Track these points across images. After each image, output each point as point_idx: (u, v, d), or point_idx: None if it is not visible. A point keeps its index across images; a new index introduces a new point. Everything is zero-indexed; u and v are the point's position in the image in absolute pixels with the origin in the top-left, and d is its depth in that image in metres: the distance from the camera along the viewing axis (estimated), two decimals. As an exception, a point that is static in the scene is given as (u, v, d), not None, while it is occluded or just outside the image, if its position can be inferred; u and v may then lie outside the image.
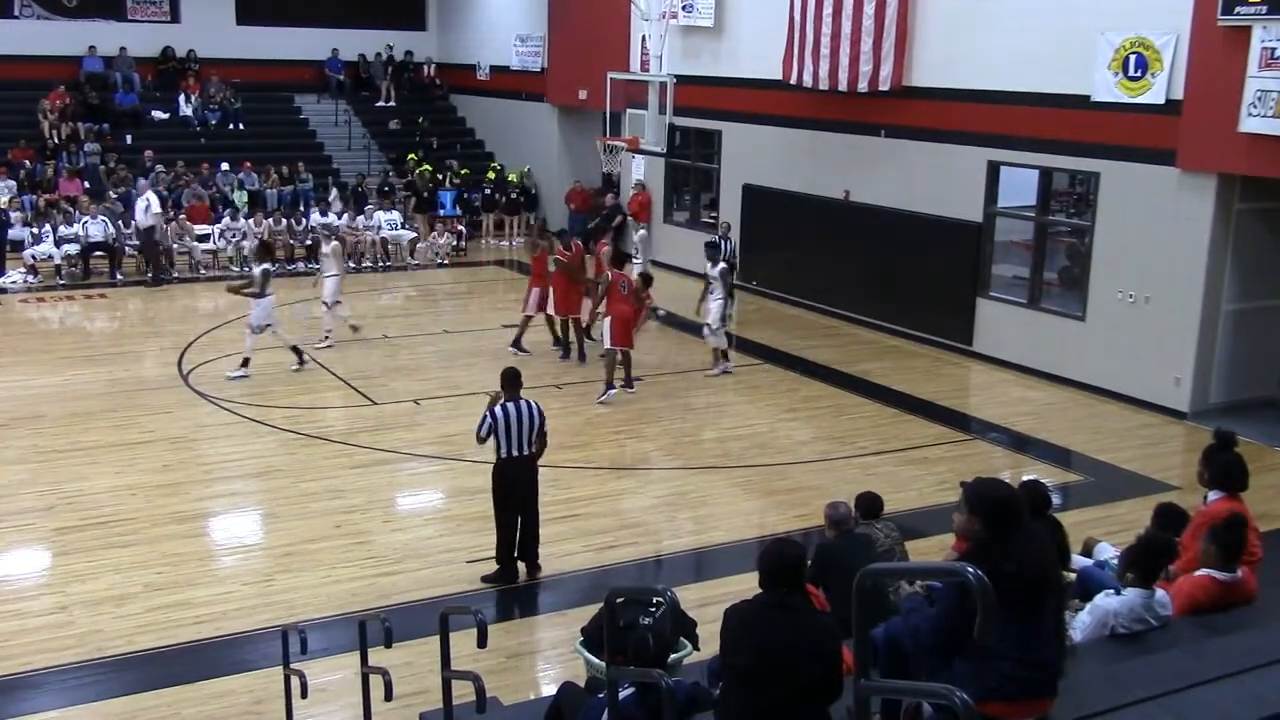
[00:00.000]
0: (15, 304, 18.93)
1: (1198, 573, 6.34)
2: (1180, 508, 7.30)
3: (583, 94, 23.95)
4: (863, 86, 17.42)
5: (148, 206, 20.41)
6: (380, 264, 22.58)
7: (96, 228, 20.69)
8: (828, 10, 17.82)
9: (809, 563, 5.37)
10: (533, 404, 9.22)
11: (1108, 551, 7.56)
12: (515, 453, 9.11)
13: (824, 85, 18.01)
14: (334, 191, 24.16)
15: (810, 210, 18.89)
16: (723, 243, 18.18)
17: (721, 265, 15.70)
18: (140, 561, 9.47)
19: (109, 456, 11.92)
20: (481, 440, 9.16)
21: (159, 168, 23.30)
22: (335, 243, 17.03)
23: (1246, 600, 6.31)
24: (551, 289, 15.70)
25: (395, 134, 27.89)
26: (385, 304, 20.67)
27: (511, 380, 9.26)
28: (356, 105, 28.38)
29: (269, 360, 15.58)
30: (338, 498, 10.97)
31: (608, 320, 14.22)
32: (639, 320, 14.76)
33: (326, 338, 16.19)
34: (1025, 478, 9.93)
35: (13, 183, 22.20)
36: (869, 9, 17.17)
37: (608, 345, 14.25)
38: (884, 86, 17.16)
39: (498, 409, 9.07)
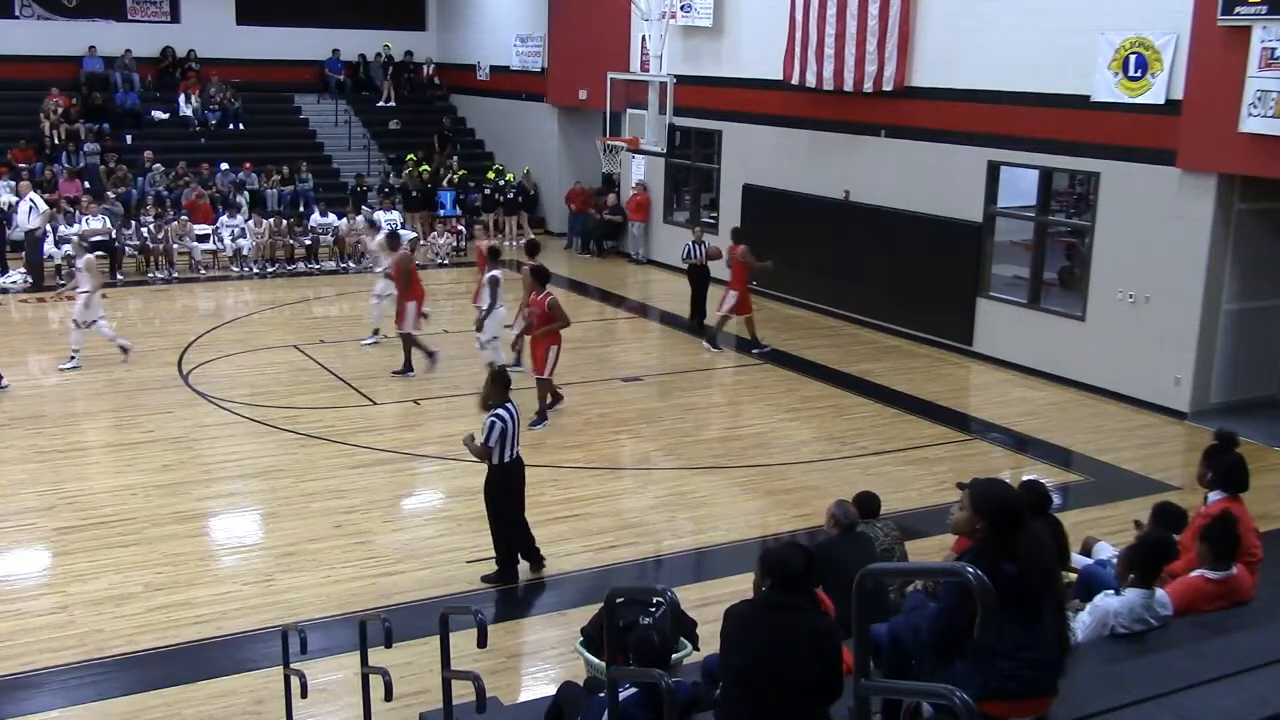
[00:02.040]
0: (15, 304, 18.93)
1: (1192, 574, 6.34)
2: (1179, 507, 7.30)
3: (583, 94, 23.97)
4: (867, 87, 17.43)
5: (32, 208, 19.65)
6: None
7: (97, 222, 20.70)
8: (831, 10, 17.84)
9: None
10: (517, 405, 9.30)
11: (1107, 551, 7.56)
12: (512, 455, 9.12)
13: (828, 85, 18.02)
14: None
15: (810, 210, 18.89)
16: (695, 246, 18.36)
17: (493, 273, 14.77)
18: (140, 561, 9.47)
19: (109, 456, 11.92)
20: (489, 450, 8.98)
21: (158, 167, 23.32)
22: (89, 256, 15.40)
23: (1244, 599, 6.32)
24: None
25: (395, 134, 27.90)
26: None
27: (506, 383, 9.27)
28: (356, 105, 28.40)
29: (270, 360, 15.59)
30: (338, 498, 10.97)
31: (555, 348, 13.21)
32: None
33: (73, 357, 15.02)
34: (1025, 478, 9.92)
35: (13, 182, 22.19)
36: (873, 9, 17.18)
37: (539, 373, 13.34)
38: (888, 86, 17.18)
39: (502, 412, 8.99)
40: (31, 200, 19.96)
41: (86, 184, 22.77)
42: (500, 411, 9.00)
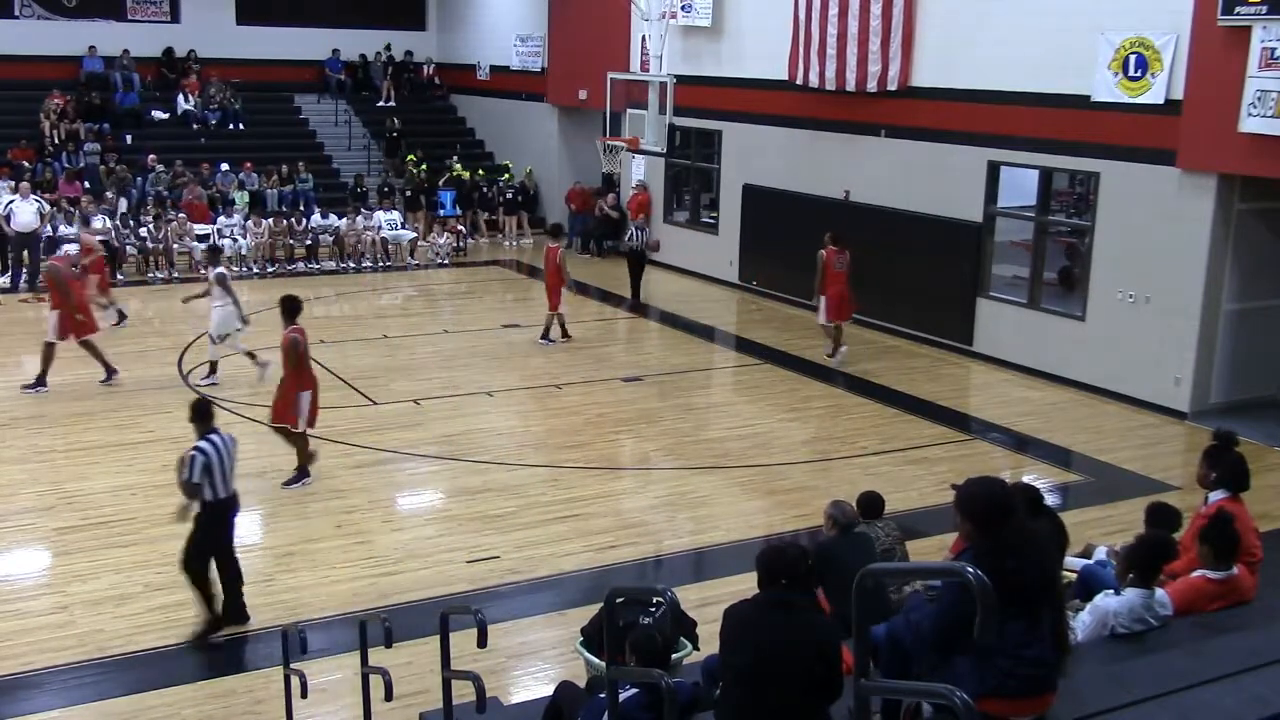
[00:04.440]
0: (15, 304, 18.91)
1: (1193, 574, 6.35)
2: (1171, 506, 7.30)
3: (583, 94, 23.96)
4: (871, 86, 17.44)
5: (39, 208, 19.57)
6: (380, 264, 22.60)
7: (97, 222, 20.70)
8: (834, 10, 17.84)
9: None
10: (230, 436, 8.50)
11: (1104, 553, 7.55)
12: (225, 494, 8.29)
13: (831, 85, 18.02)
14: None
15: (810, 210, 18.88)
16: (639, 232, 19.73)
17: (219, 270, 14.57)
18: (140, 561, 9.46)
19: (109, 456, 11.91)
20: (194, 486, 8.09)
21: (159, 167, 23.32)
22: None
23: (1244, 598, 6.32)
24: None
25: (399, 134, 27.87)
26: (385, 304, 20.69)
27: (205, 413, 8.45)
28: (356, 105, 28.39)
29: (271, 361, 15.56)
30: (338, 498, 10.97)
31: (307, 394, 11.32)
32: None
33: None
34: (1020, 480, 9.92)
35: (13, 182, 22.18)
36: (876, 9, 17.18)
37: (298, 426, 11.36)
38: (892, 86, 17.18)
39: (205, 444, 8.13)
40: (37, 200, 19.95)
41: (86, 184, 22.75)
42: (202, 444, 8.14)
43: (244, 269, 21.57)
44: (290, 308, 11.39)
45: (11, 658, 8.00)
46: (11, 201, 19.69)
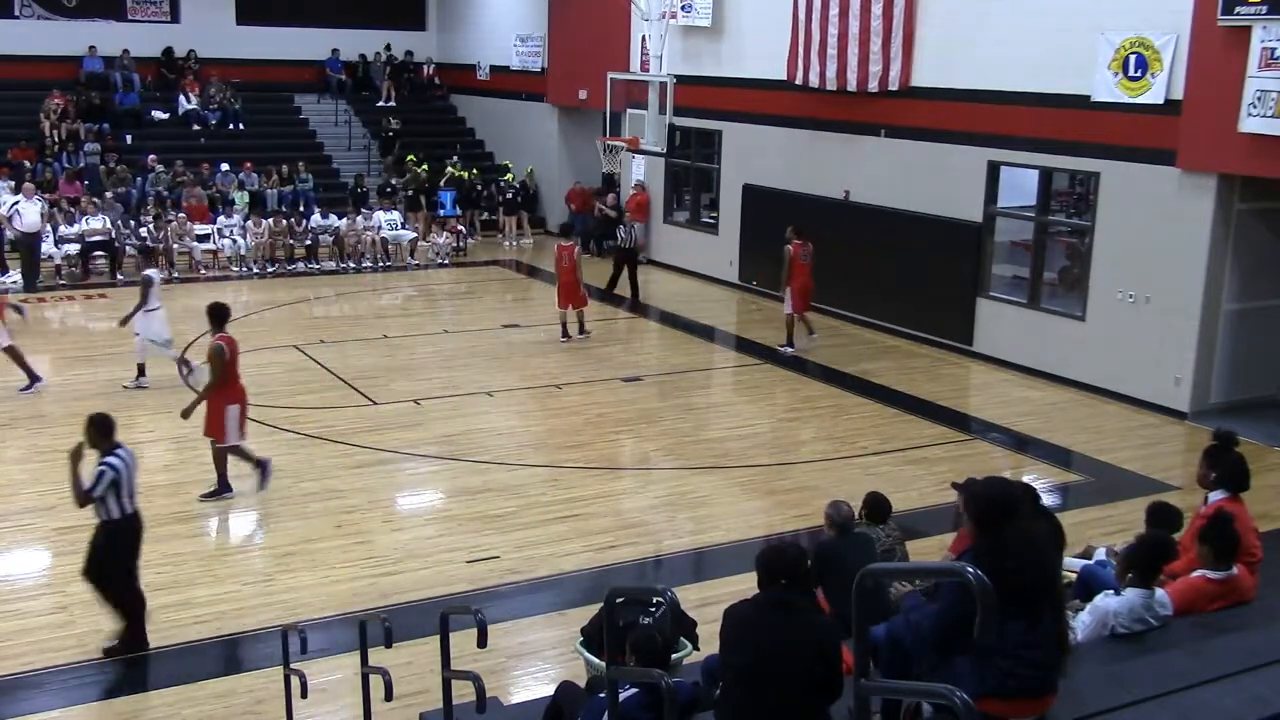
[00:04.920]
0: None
1: (1193, 574, 6.35)
2: (1172, 505, 7.31)
3: (583, 94, 23.97)
4: (872, 86, 17.43)
5: (42, 208, 19.80)
6: (380, 264, 22.60)
7: (97, 222, 20.73)
8: (834, 10, 17.84)
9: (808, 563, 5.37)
10: (132, 451, 8.30)
11: (1103, 553, 7.55)
12: (131, 509, 8.17)
13: (832, 85, 18.02)
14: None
15: (810, 210, 18.86)
16: (630, 231, 20.27)
17: (146, 272, 14.37)
18: (141, 561, 9.44)
19: (109, 456, 11.89)
20: (94, 499, 7.94)
21: (159, 167, 23.32)
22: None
23: (1244, 598, 6.32)
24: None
25: (395, 134, 27.87)
26: (385, 304, 20.69)
27: (108, 428, 8.16)
28: (356, 105, 28.39)
29: (270, 360, 15.57)
30: (338, 498, 10.97)
31: (235, 408, 10.96)
32: None
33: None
34: (1021, 479, 9.91)
35: (13, 182, 22.19)
36: (876, 9, 17.18)
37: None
38: (893, 86, 17.17)
39: (113, 459, 7.97)
40: (40, 200, 20.02)
41: (86, 184, 22.75)
42: (110, 459, 7.97)
43: (244, 269, 21.60)
44: (217, 315, 11.09)
45: (11, 658, 8.00)
46: (17, 202, 19.75)
